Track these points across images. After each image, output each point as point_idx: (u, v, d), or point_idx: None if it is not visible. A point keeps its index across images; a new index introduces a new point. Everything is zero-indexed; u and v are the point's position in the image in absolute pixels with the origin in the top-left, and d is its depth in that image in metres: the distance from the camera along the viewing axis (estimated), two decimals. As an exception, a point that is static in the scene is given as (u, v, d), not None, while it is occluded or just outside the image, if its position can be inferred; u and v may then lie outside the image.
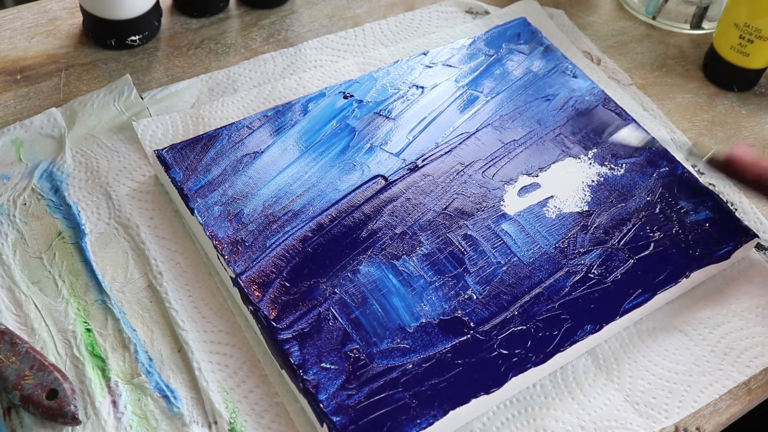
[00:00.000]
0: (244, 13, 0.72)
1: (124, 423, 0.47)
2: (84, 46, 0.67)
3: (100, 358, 0.49)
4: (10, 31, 0.68)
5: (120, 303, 0.51)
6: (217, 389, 0.48)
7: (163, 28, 0.70)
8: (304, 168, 0.57)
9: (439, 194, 0.56)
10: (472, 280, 0.52)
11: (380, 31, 0.72)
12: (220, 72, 0.66)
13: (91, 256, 0.53)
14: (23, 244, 0.54)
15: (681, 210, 0.57)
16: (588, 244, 0.54)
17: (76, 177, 0.58)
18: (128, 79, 0.64)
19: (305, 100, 0.61)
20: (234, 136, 0.58)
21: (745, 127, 0.68)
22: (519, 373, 0.48)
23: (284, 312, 0.49)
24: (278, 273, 0.51)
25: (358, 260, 0.52)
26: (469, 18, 0.74)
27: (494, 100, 0.63)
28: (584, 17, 0.76)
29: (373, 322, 0.49)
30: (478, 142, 0.60)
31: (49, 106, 0.62)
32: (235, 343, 0.50)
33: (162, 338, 0.50)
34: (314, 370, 0.47)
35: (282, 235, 0.53)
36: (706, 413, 0.51)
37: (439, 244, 0.54)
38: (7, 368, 0.46)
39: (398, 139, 0.59)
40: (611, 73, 0.71)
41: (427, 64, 0.65)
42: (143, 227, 0.55)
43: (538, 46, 0.68)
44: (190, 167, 0.56)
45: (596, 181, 0.58)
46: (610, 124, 0.62)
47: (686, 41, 0.74)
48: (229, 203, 0.54)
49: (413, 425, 0.45)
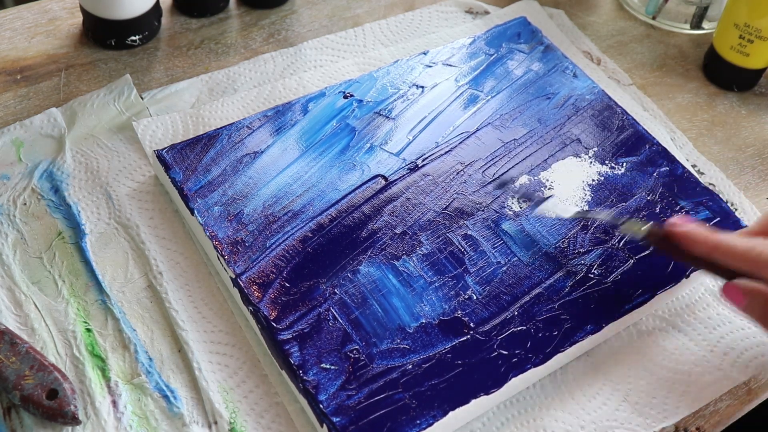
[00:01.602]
0: (244, 13, 0.72)
1: (124, 423, 0.47)
2: (84, 46, 0.67)
3: (100, 358, 0.49)
4: (10, 31, 0.68)
5: (120, 303, 0.51)
6: (217, 389, 0.48)
7: (163, 28, 0.70)
8: (304, 168, 0.57)
9: (439, 194, 0.56)
10: (472, 281, 0.52)
11: (380, 31, 0.72)
12: (220, 72, 0.66)
13: (91, 256, 0.53)
14: (23, 244, 0.54)
15: (681, 210, 0.57)
16: (588, 244, 0.54)
17: (76, 177, 0.58)
18: (128, 79, 0.64)
19: (305, 100, 0.61)
20: (234, 136, 0.58)
21: (745, 127, 0.68)
22: (519, 373, 0.48)
23: (284, 312, 0.49)
24: (278, 273, 0.51)
25: (358, 260, 0.52)
26: (469, 18, 0.74)
27: (494, 100, 0.63)
28: (584, 17, 0.76)
29: (373, 322, 0.49)
30: (478, 141, 0.60)
31: (49, 106, 0.62)
32: (235, 343, 0.50)
33: (162, 338, 0.50)
34: (314, 371, 0.47)
35: (282, 235, 0.53)
36: (706, 413, 0.51)
37: (439, 244, 0.54)
38: (7, 368, 0.46)
39: (398, 138, 0.59)
40: (611, 73, 0.71)
41: (427, 64, 0.65)
42: (143, 227, 0.55)
43: (538, 46, 0.67)
44: (190, 167, 0.56)
45: (596, 180, 0.58)
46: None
47: (686, 41, 0.74)
48: (229, 203, 0.54)
49: (413, 426, 0.45)
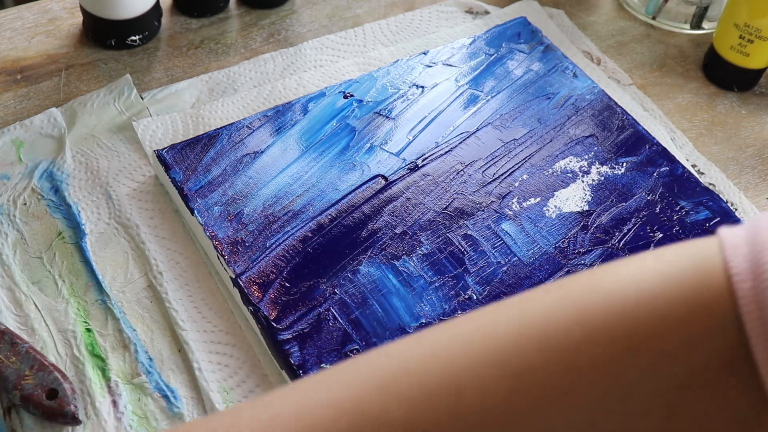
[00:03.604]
0: (244, 13, 0.72)
1: (124, 423, 0.47)
2: (84, 46, 0.67)
3: (100, 358, 0.49)
4: (10, 31, 0.68)
5: (120, 303, 0.51)
6: (217, 389, 0.48)
7: (163, 28, 0.70)
8: (304, 168, 0.57)
9: (439, 194, 0.56)
10: (472, 281, 0.52)
11: (380, 31, 0.72)
12: (220, 72, 0.66)
13: (91, 256, 0.53)
14: (23, 244, 0.54)
15: (681, 210, 0.57)
16: (588, 244, 0.54)
17: (76, 177, 0.58)
18: (128, 79, 0.64)
19: (305, 100, 0.61)
20: (234, 136, 0.58)
21: (745, 127, 0.68)
22: (519, 373, 0.48)
23: (284, 312, 0.49)
24: (278, 273, 0.51)
25: (358, 260, 0.52)
26: (469, 18, 0.74)
27: (494, 99, 0.63)
28: (584, 17, 0.76)
29: (373, 322, 0.49)
30: (478, 141, 0.60)
31: (49, 106, 0.62)
32: (235, 343, 0.50)
33: (162, 338, 0.50)
34: (314, 371, 0.47)
35: (282, 235, 0.53)
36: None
37: (439, 244, 0.54)
38: (7, 368, 0.46)
39: (398, 138, 0.59)
40: (611, 73, 0.71)
41: (427, 64, 0.65)
42: (143, 227, 0.55)
43: (538, 46, 0.68)
44: (190, 167, 0.56)
45: (597, 180, 0.58)
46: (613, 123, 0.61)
47: (686, 41, 0.74)
48: (229, 203, 0.54)
49: (413, 425, 0.45)
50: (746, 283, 0.28)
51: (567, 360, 0.29)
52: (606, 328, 0.29)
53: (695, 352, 0.28)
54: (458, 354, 0.30)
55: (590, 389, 0.29)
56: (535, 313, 0.31)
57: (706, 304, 0.28)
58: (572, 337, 0.29)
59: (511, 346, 0.30)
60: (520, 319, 0.31)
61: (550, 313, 0.30)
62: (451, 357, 0.30)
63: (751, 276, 0.28)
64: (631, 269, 0.31)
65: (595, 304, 0.30)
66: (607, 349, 0.29)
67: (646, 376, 0.29)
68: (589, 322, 0.29)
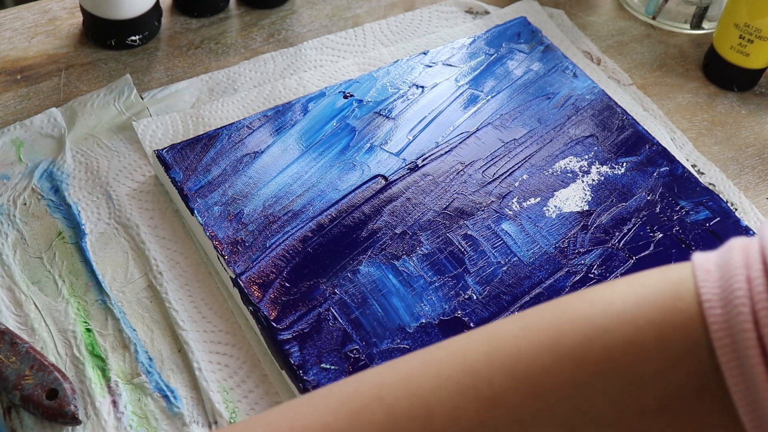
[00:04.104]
0: (244, 13, 0.72)
1: (124, 423, 0.47)
2: (84, 46, 0.67)
3: (100, 358, 0.49)
4: (10, 31, 0.68)
5: (120, 303, 0.51)
6: (217, 389, 0.48)
7: (163, 28, 0.70)
8: (304, 168, 0.57)
9: (439, 194, 0.56)
10: (472, 280, 0.52)
11: (380, 31, 0.72)
12: (220, 72, 0.66)
13: (91, 256, 0.53)
14: (23, 244, 0.54)
15: (681, 210, 0.57)
16: (588, 244, 0.54)
17: (76, 177, 0.58)
18: (128, 79, 0.64)
19: (305, 100, 0.61)
20: (234, 136, 0.58)
21: (745, 127, 0.68)
22: (519, 373, 0.48)
23: (284, 312, 0.49)
24: (278, 273, 0.51)
25: (358, 260, 0.52)
26: (469, 18, 0.74)
27: (495, 99, 0.63)
28: (584, 17, 0.76)
29: (373, 322, 0.49)
30: (478, 141, 0.60)
31: (49, 106, 0.62)
32: (235, 343, 0.50)
33: (162, 338, 0.50)
34: (314, 371, 0.47)
35: (282, 235, 0.53)
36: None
37: (439, 244, 0.54)
38: (7, 368, 0.46)
39: (398, 138, 0.59)
40: (611, 73, 0.71)
41: (427, 64, 0.65)
42: (143, 227, 0.55)
43: (538, 46, 0.68)
44: (190, 167, 0.56)
45: (597, 180, 0.58)
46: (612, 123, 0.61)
47: (686, 41, 0.74)
48: (229, 203, 0.54)
49: (413, 425, 0.45)
50: (716, 310, 0.28)
51: (536, 385, 0.29)
52: (575, 354, 0.29)
53: (667, 377, 0.28)
54: (429, 379, 0.30)
55: (560, 414, 0.29)
56: (507, 339, 0.31)
57: (677, 329, 0.28)
58: (542, 363, 0.29)
59: (483, 371, 0.30)
60: (490, 344, 0.31)
61: (521, 339, 0.30)
62: (422, 382, 0.31)
63: (721, 303, 0.28)
64: (602, 295, 0.31)
65: (564, 330, 0.30)
66: (576, 374, 0.29)
67: (617, 401, 0.29)
68: (559, 347, 0.29)
